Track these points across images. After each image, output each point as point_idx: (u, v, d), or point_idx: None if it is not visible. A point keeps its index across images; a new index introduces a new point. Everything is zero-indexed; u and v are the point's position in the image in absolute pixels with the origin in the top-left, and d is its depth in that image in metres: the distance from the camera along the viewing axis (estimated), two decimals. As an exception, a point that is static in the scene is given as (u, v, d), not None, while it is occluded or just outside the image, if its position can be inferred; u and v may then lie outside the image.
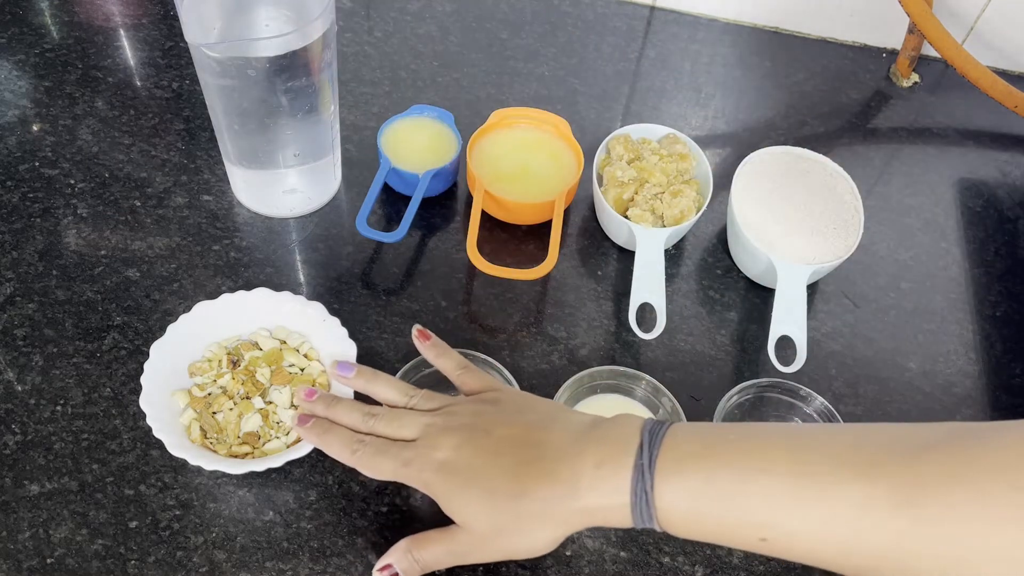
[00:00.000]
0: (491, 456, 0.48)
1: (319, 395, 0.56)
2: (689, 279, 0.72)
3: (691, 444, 0.45)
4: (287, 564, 0.54)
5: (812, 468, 0.42)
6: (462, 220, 0.73)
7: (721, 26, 0.93)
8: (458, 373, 0.56)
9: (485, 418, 0.50)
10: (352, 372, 0.56)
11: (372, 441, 0.51)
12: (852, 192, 0.72)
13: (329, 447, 0.53)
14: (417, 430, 0.51)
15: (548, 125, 0.75)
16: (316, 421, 0.54)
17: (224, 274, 0.67)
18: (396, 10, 0.89)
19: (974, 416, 0.66)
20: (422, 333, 0.58)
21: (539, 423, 0.49)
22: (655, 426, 0.46)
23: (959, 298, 0.74)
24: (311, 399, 0.55)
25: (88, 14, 0.84)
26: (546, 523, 0.46)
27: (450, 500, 0.48)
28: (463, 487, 0.48)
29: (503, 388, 0.54)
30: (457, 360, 0.57)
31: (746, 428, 0.47)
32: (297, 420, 0.54)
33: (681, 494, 0.43)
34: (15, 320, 0.63)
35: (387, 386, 0.55)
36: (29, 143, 0.74)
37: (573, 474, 0.46)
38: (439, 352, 0.57)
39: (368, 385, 0.56)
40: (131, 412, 0.59)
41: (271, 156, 0.67)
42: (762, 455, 0.43)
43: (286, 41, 0.58)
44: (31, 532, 0.54)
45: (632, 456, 0.45)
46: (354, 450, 0.51)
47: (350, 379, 0.56)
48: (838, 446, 0.43)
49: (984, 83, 0.83)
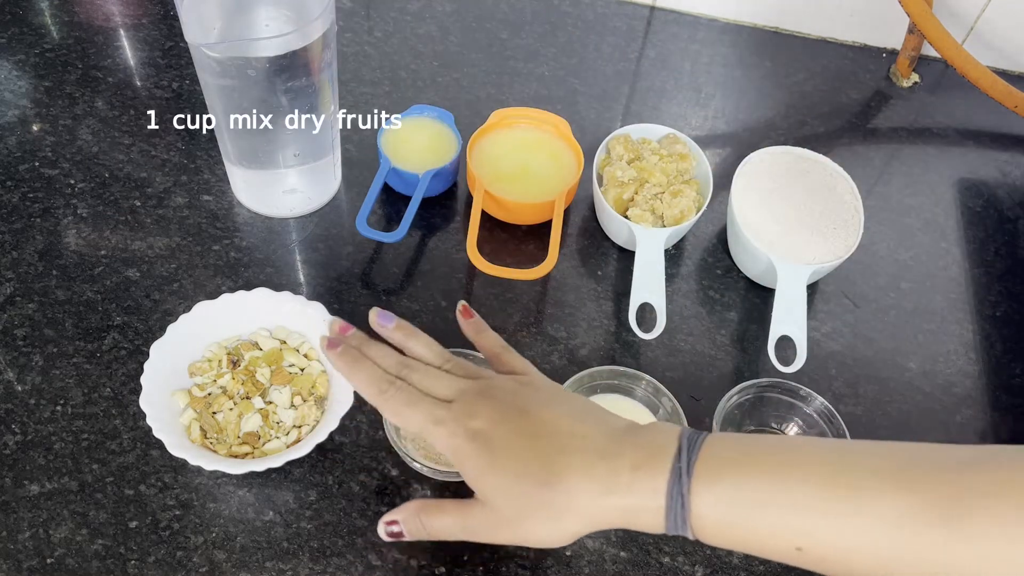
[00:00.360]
0: (528, 438, 0.46)
1: (354, 331, 0.53)
2: (689, 279, 0.72)
3: (729, 452, 0.44)
4: (287, 564, 0.54)
5: (850, 480, 0.41)
6: (462, 220, 0.73)
7: (721, 26, 0.93)
8: (497, 351, 0.54)
9: (523, 397, 0.49)
10: (392, 323, 0.53)
11: (404, 387, 0.49)
12: (852, 192, 0.72)
13: (356, 379, 0.50)
14: (453, 392, 0.49)
15: (548, 125, 0.75)
16: (347, 348, 0.51)
17: (224, 274, 0.67)
18: (396, 10, 0.89)
19: (974, 416, 0.66)
20: (466, 310, 0.56)
21: (578, 415, 0.48)
22: (693, 434, 0.46)
23: (959, 298, 0.74)
24: (347, 333, 0.53)
25: (88, 14, 0.84)
26: (573, 516, 0.45)
27: (478, 474, 0.47)
28: (494, 463, 0.46)
29: (539, 374, 0.53)
30: (498, 340, 0.55)
31: (784, 440, 0.46)
32: (328, 343, 0.51)
33: (716, 500, 0.43)
34: (15, 320, 0.63)
35: (425, 346, 0.53)
36: (29, 143, 0.74)
37: (610, 472, 0.45)
38: (479, 329, 0.56)
39: (406, 340, 0.53)
40: (131, 412, 0.59)
41: (271, 156, 0.67)
42: (799, 466, 0.43)
43: (286, 41, 0.58)
44: (31, 532, 0.54)
45: (670, 460, 0.44)
46: (383, 390, 0.49)
47: (389, 329, 0.53)
48: (877, 459, 0.42)
49: (984, 83, 0.83)
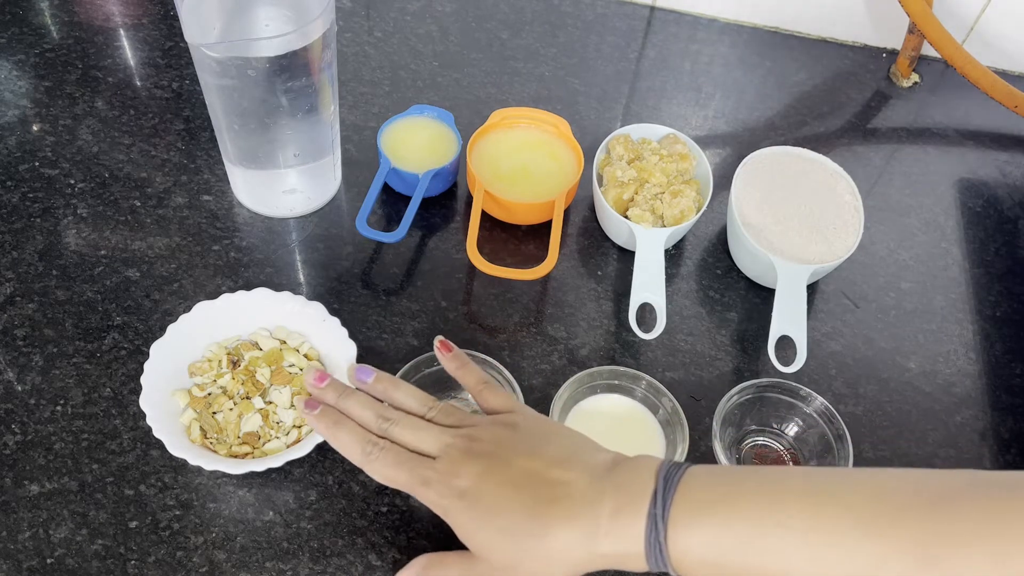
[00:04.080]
0: (512, 490, 0.47)
1: (330, 381, 0.53)
2: (689, 279, 0.72)
3: (706, 492, 0.44)
4: (287, 564, 0.54)
5: (829, 523, 0.41)
6: (462, 220, 0.73)
7: (721, 26, 0.93)
8: (479, 389, 0.54)
9: (506, 446, 0.49)
10: (371, 377, 0.54)
11: (388, 447, 0.50)
12: (852, 192, 0.72)
13: (339, 442, 0.51)
14: (437, 447, 0.49)
15: (548, 125, 0.75)
16: (325, 410, 0.51)
17: (224, 274, 0.67)
18: (396, 10, 0.89)
19: (974, 416, 0.66)
20: (444, 344, 0.56)
21: (560, 459, 0.48)
22: (671, 470, 0.46)
23: (959, 298, 0.74)
24: (321, 384, 0.53)
25: (88, 14, 0.84)
26: (563, 564, 0.46)
27: (468, 532, 0.48)
28: (482, 520, 0.47)
29: (521, 410, 0.53)
30: (478, 375, 0.55)
31: (763, 475, 0.46)
32: (304, 404, 0.52)
33: (695, 544, 0.43)
34: (15, 320, 0.63)
35: (407, 395, 0.53)
36: (29, 143, 0.74)
37: (592, 519, 0.45)
38: (460, 364, 0.56)
39: (388, 392, 0.54)
40: (131, 412, 0.59)
41: (271, 156, 0.67)
42: (778, 507, 0.43)
43: (286, 41, 0.58)
44: (31, 532, 0.54)
45: (646, 504, 0.45)
46: (367, 452, 0.49)
47: (369, 384, 0.54)
48: (855, 496, 0.42)
49: (984, 83, 0.83)
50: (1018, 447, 0.65)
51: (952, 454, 0.64)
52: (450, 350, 0.56)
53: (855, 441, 0.62)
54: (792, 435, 0.63)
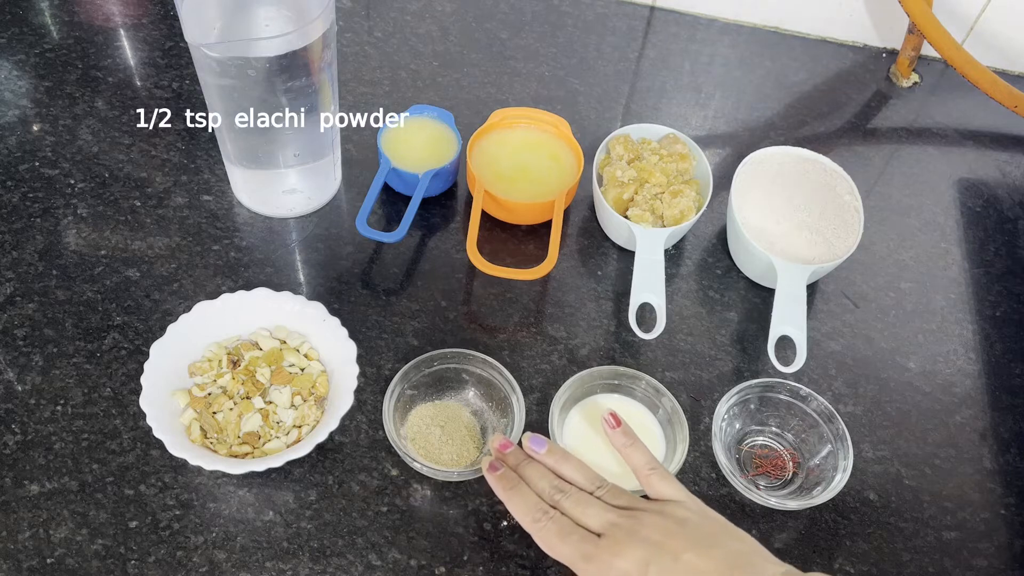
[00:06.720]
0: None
1: (513, 449, 0.55)
2: (689, 279, 0.72)
3: None
4: (287, 564, 0.54)
5: None
6: (462, 220, 0.73)
7: (721, 26, 0.93)
8: (647, 473, 0.54)
9: (674, 539, 0.48)
10: (544, 448, 0.55)
11: (557, 517, 0.51)
12: (852, 192, 0.72)
13: (512, 504, 0.52)
14: (602, 524, 0.50)
15: (548, 125, 0.75)
16: (506, 472, 0.54)
17: (224, 274, 0.67)
18: (396, 10, 0.89)
19: (974, 416, 0.66)
20: (614, 416, 0.56)
21: (731, 565, 0.48)
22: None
23: (959, 298, 0.74)
24: (505, 451, 0.55)
25: (88, 14, 0.84)
26: None
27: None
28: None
29: (689, 501, 0.52)
30: (647, 457, 0.55)
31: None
32: (488, 466, 0.54)
33: None
34: (15, 320, 0.63)
35: (576, 470, 0.54)
36: (29, 143, 0.74)
37: None
38: (629, 442, 0.56)
39: (558, 464, 0.54)
40: (131, 412, 0.59)
41: (271, 156, 0.67)
42: None
43: (286, 41, 0.58)
44: (31, 532, 0.54)
45: None
46: (536, 519, 0.51)
47: (541, 455, 0.55)
48: None
49: (984, 83, 0.83)
50: (1018, 447, 0.65)
51: (952, 454, 0.64)
52: (619, 424, 0.56)
53: (855, 441, 0.62)
54: (792, 435, 0.63)
